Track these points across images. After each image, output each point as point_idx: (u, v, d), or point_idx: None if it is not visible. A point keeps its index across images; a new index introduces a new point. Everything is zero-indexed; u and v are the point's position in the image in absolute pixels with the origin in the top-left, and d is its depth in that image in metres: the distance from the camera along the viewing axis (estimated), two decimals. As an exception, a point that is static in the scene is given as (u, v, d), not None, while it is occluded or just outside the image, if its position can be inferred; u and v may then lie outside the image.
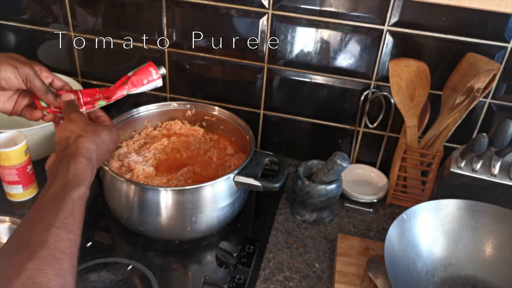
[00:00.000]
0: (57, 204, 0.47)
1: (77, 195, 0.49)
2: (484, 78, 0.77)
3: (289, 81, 0.95)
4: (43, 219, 0.46)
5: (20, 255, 0.42)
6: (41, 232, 0.44)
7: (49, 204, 0.48)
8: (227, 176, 0.74)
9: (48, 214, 0.46)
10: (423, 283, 0.71)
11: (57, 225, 0.45)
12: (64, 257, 0.43)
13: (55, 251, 0.43)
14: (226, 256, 0.75)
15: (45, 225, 0.45)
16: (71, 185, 0.50)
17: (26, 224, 0.46)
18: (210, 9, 0.90)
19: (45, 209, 0.47)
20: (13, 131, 0.82)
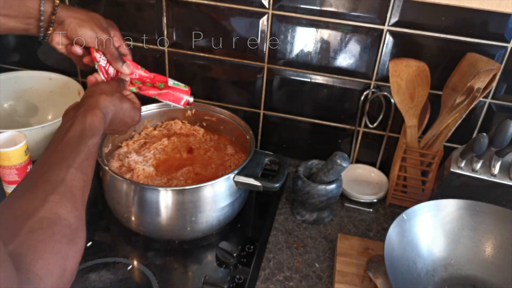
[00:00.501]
0: (75, 148, 0.52)
1: (92, 143, 0.54)
2: (484, 78, 0.77)
3: (289, 81, 0.95)
4: (62, 160, 0.50)
5: (42, 188, 0.46)
6: (61, 170, 0.49)
7: (68, 147, 0.52)
8: (227, 176, 0.74)
9: (67, 156, 0.51)
10: (423, 283, 0.71)
11: (75, 166, 0.50)
12: (79, 194, 0.49)
13: (72, 188, 0.48)
14: (226, 256, 0.75)
15: (65, 165, 0.49)
16: (87, 133, 0.55)
17: (46, 162, 0.50)
18: (210, 9, 0.90)
19: (64, 151, 0.51)
20: (13, 131, 0.82)
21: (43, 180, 0.47)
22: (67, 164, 0.50)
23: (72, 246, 0.44)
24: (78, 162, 0.50)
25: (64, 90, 1.04)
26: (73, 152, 0.51)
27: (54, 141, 0.54)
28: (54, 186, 0.47)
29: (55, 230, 0.43)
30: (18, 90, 1.05)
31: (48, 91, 1.06)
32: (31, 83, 1.06)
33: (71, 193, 0.47)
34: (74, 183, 0.48)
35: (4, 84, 1.03)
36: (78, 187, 0.49)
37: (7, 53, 1.10)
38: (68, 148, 0.52)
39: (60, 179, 0.48)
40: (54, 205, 0.45)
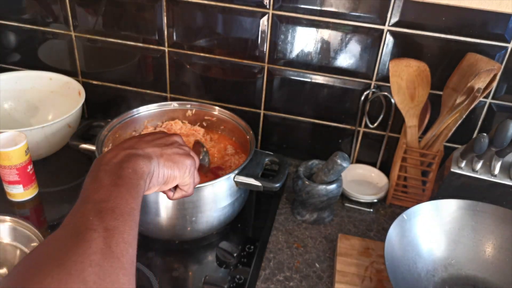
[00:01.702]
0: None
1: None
2: (485, 78, 0.77)
3: (290, 81, 0.95)
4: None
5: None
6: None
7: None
8: (228, 176, 0.74)
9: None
10: (424, 283, 0.71)
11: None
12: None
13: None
14: (227, 256, 0.75)
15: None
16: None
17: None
18: (210, 9, 0.90)
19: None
20: (14, 131, 0.82)
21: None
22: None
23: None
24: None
25: (65, 90, 1.04)
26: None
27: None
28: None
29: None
30: (18, 90, 1.05)
31: (48, 91, 1.06)
32: (32, 83, 1.06)
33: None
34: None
35: (4, 84, 1.03)
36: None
37: (7, 53, 1.10)
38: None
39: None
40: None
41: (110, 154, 0.51)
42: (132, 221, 0.44)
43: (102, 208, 0.42)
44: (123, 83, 1.06)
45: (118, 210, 0.43)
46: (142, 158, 0.51)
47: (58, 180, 0.93)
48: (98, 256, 0.37)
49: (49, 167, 0.95)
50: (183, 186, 0.60)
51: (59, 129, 0.91)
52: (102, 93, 1.09)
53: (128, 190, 0.46)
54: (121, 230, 0.41)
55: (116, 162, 0.49)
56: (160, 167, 0.54)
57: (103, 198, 0.43)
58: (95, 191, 0.45)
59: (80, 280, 0.34)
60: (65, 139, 0.94)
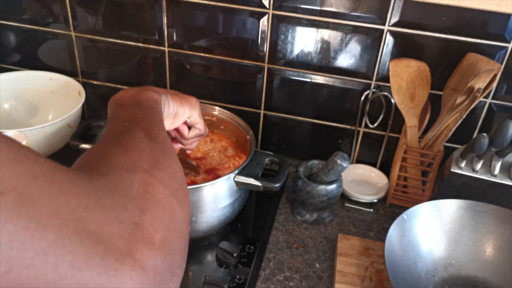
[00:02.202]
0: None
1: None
2: (485, 78, 0.77)
3: (290, 81, 0.95)
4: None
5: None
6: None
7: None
8: (228, 176, 0.74)
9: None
10: (424, 283, 0.71)
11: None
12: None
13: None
14: (227, 256, 0.75)
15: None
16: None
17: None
18: (210, 9, 0.90)
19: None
20: (14, 131, 0.82)
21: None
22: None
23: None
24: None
25: (65, 90, 1.04)
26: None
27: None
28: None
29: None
30: (18, 90, 1.05)
31: (48, 91, 1.06)
32: (32, 83, 1.06)
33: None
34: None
35: (4, 84, 1.03)
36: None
37: (7, 53, 1.10)
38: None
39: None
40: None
41: (121, 93, 0.55)
42: (162, 126, 0.48)
43: (134, 119, 0.46)
44: (123, 83, 1.06)
45: (147, 119, 0.47)
46: (152, 91, 0.55)
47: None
48: (146, 139, 0.41)
49: (49, 167, 0.95)
50: (195, 124, 0.66)
51: (59, 129, 0.91)
52: (102, 93, 1.09)
53: (150, 110, 0.50)
54: (155, 128, 0.45)
55: (130, 95, 0.53)
56: (169, 101, 0.59)
57: (131, 114, 0.47)
58: (122, 111, 0.49)
59: (139, 150, 0.39)
60: (65, 139, 0.94)
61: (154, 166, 0.37)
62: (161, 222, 0.33)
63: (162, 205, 0.34)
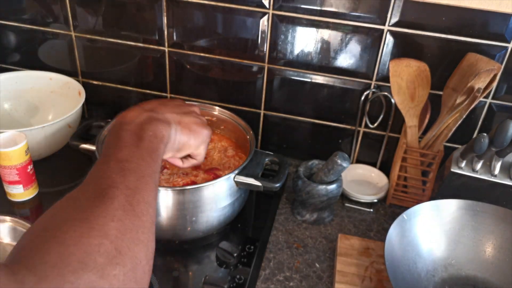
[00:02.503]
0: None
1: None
2: (485, 78, 0.77)
3: (290, 81, 0.95)
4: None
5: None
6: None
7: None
8: (228, 176, 0.74)
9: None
10: (424, 283, 0.71)
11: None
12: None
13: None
14: (227, 256, 0.75)
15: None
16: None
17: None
18: (210, 9, 0.90)
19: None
20: (14, 131, 0.82)
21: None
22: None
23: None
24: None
25: (65, 90, 1.04)
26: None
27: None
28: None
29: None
30: (18, 90, 1.05)
31: (48, 91, 1.06)
32: (32, 83, 1.06)
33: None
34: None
35: (4, 84, 1.03)
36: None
37: (7, 53, 1.10)
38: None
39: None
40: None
41: (132, 114, 0.52)
42: (153, 183, 0.44)
43: (125, 168, 0.43)
44: (123, 83, 1.06)
45: (139, 172, 0.43)
46: (162, 122, 0.52)
47: (58, 180, 0.93)
48: (120, 212, 0.37)
49: (49, 167, 0.95)
50: (195, 156, 0.63)
51: (59, 129, 0.91)
52: (102, 93, 1.09)
53: (149, 153, 0.47)
54: (142, 190, 0.42)
55: (138, 123, 0.50)
56: (178, 134, 0.56)
57: (125, 158, 0.44)
58: (118, 149, 0.46)
59: (102, 234, 0.35)
60: (65, 139, 0.94)
61: (111, 260, 0.33)
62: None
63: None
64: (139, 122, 0.51)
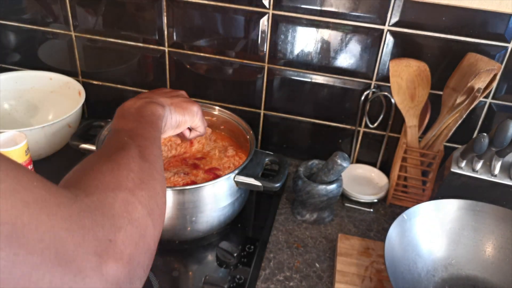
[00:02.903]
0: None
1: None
2: (485, 78, 0.77)
3: (290, 81, 0.95)
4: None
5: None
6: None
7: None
8: (228, 176, 0.74)
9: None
10: (424, 283, 0.71)
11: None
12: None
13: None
14: (227, 256, 0.75)
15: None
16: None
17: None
18: (210, 9, 0.90)
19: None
20: (14, 131, 0.82)
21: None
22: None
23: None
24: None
25: (65, 90, 1.05)
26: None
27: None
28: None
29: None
30: (18, 90, 1.05)
31: (48, 91, 1.06)
32: (32, 83, 1.06)
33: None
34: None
35: (4, 84, 1.03)
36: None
37: (7, 53, 1.10)
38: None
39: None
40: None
41: (130, 102, 0.61)
42: (157, 144, 0.53)
43: (133, 134, 0.51)
44: (123, 83, 1.06)
45: (145, 135, 0.52)
46: (157, 105, 0.61)
47: (58, 180, 0.91)
48: (137, 158, 0.46)
49: (49, 167, 0.95)
50: (196, 128, 0.73)
51: (59, 129, 0.91)
52: (102, 93, 1.09)
53: (150, 124, 0.56)
54: (150, 147, 0.50)
55: (136, 107, 0.59)
56: (172, 113, 0.64)
57: (131, 128, 0.53)
58: (124, 124, 0.55)
59: (127, 168, 0.43)
60: (65, 139, 0.94)
61: (138, 185, 0.42)
62: (132, 239, 0.37)
63: (137, 223, 0.39)
64: (137, 107, 0.59)
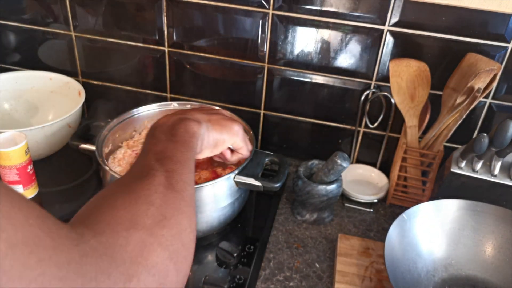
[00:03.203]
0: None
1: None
2: (485, 78, 0.77)
3: (290, 81, 0.95)
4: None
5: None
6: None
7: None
8: (227, 176, 0.74)
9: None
10: (424, 283, 0.71)
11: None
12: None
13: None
14: (227, 256, 0.75)
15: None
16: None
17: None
18: (210, 9, 0.90)
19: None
20: (14, 131, 0.82)
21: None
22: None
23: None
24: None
25: (65, 90, 1.05)
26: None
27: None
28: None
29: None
30: (18, 90, 1.05)
31: (48, 91, 1.06)
32: (32, 83, 1.06)
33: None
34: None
35: (4, 84, 1.03)
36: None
37: (7, 53, 1.10)
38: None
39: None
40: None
41: (163, 119, 0.57)
42: (189, 167, 0.48)
43: (162, 157, 0.47)
44: (123, 83, 1.06)
45: (175, 158, 0.48)
46: (192, 121, 0.57)
47: (58, 180, 0.93)
48: (162, 188, 0.41)
49: (49, 167, 0.95)
50: (238, 149, 0.69)
51: (59, 129, 0.91)
52: (102, 93, 1.09)
53: (183, 144, 0.51)
54: (179, 172, 0.46)
55: (170, 124, 0.55)
56: (210, 131, 0.60)
57: (161, 150, 0.49)
58: (154, 145, 0.51)
59: (148, 201, 0.38)
60: (65, 139, 0.94)
61: (158, 222, 0.37)
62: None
63: (155, 270, 0.33)
64: (170, 124, 0.55)
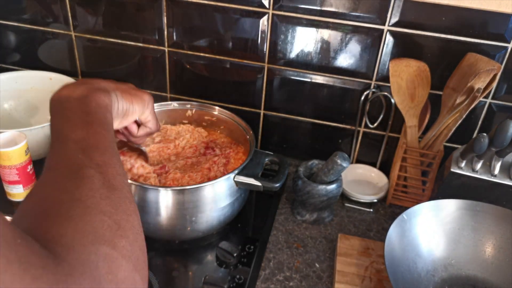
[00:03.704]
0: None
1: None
2: (485, 78, 0.77)
3: (290, 81, 0.95)
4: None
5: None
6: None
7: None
8: (227, 176, 0.74)
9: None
10: (424, 283, 0.71)
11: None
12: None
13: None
14: (227, 256, 0.75)
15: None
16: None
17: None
18: (210, 9, 0.90)
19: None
20: (14, 131, 0.82)
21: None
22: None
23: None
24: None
25: (65, 90, 1.04)
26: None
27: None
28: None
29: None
30: (18, 90, 1.05)
31: (48, 91, 1.04)
32: (32, 83, 1.06)
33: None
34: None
35: (4, 84, 1.03)
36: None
37: (7, 53, 1.10)
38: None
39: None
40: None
41: (66, 90, 0.50)
42: (115, 154, 0.44)
43: (85, 146, 0.42)
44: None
45: (101, 146, 0.43)
46: (101, 91, 0.50)
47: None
48: (104, 190, 0.38)
49: (49, 167, 0.95)
50: (146, 123, 0.62)
51: (59, 129, 0.91)
52: (102, 93, 1.08)
53: (100, 125, 0.46)
54: (111, 164, 0.42)
55: (77, 98, 0.48)
56: (119, 99, 0.54)
57: (82, 137, 0.43)
58: (70, 130, 0.44)
59: (98, 211, 0.35)
60: (65, 139, 0.94)
61: (115, 232, 0.35)
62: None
63: (124, 285, 0.33)
64: (77, 97, 0.48)
